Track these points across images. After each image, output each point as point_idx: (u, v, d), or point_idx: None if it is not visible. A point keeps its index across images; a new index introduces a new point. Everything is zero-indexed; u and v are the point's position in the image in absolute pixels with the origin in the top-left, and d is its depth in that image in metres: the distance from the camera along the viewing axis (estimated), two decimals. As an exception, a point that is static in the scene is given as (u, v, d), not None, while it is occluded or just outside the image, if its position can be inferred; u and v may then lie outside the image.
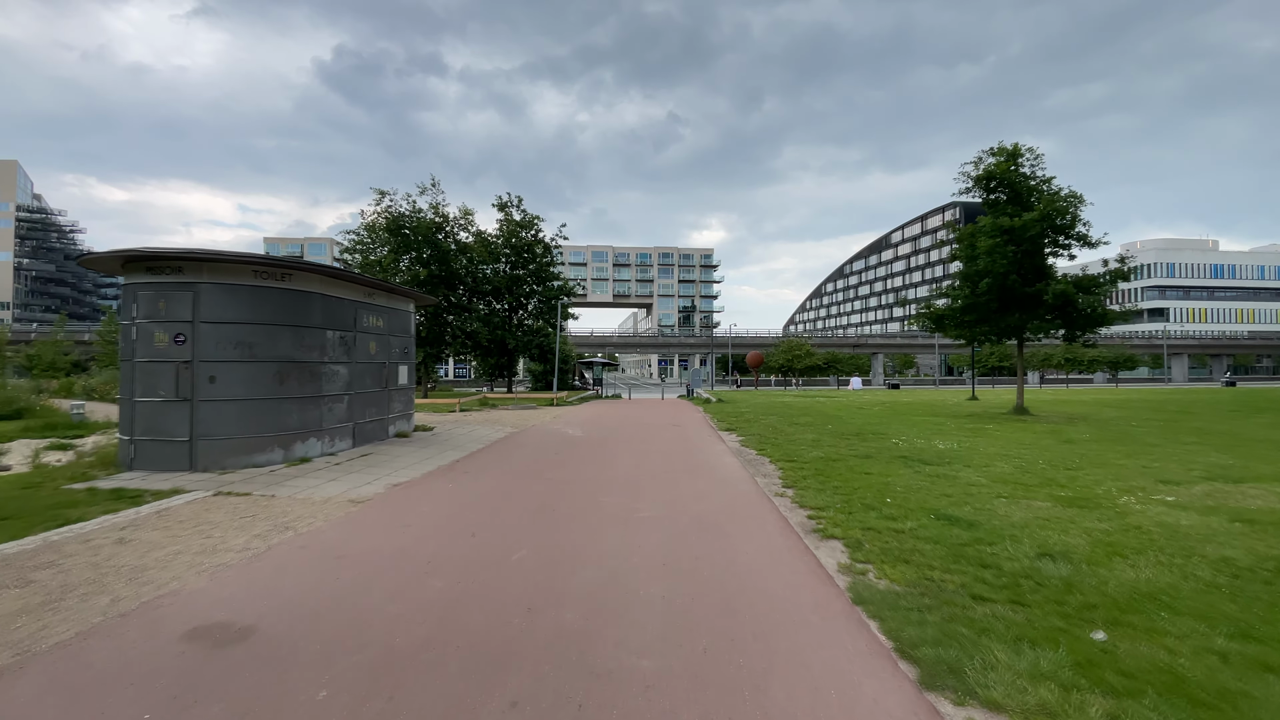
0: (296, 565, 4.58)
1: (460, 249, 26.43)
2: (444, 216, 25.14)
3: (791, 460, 9.52)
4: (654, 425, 15.25)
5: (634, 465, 9.09)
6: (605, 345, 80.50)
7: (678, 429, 14.39)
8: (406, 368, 12.21)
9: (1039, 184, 17.31)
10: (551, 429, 14.08)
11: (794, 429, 13.99)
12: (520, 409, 19.93)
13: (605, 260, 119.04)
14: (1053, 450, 10.67)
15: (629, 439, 12.36)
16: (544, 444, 11.45)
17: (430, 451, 10.27)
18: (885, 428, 14.21)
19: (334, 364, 9.62)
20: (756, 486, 7.60)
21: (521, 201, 29.75)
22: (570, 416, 17.65)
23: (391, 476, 8.14)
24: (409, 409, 12.47)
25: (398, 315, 11.82)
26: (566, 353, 36.60)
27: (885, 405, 22.49)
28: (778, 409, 20.44)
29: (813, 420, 16.01)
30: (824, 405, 22.33)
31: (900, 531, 5.58)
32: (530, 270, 29.28)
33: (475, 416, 17.17)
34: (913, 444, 11.34)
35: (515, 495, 7.04)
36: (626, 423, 15.85)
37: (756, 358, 59.08)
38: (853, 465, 9.00)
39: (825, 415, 17.63)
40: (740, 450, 10.86)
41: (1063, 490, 7.33)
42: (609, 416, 17.97)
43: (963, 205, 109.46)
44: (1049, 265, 17.41)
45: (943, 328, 18.47)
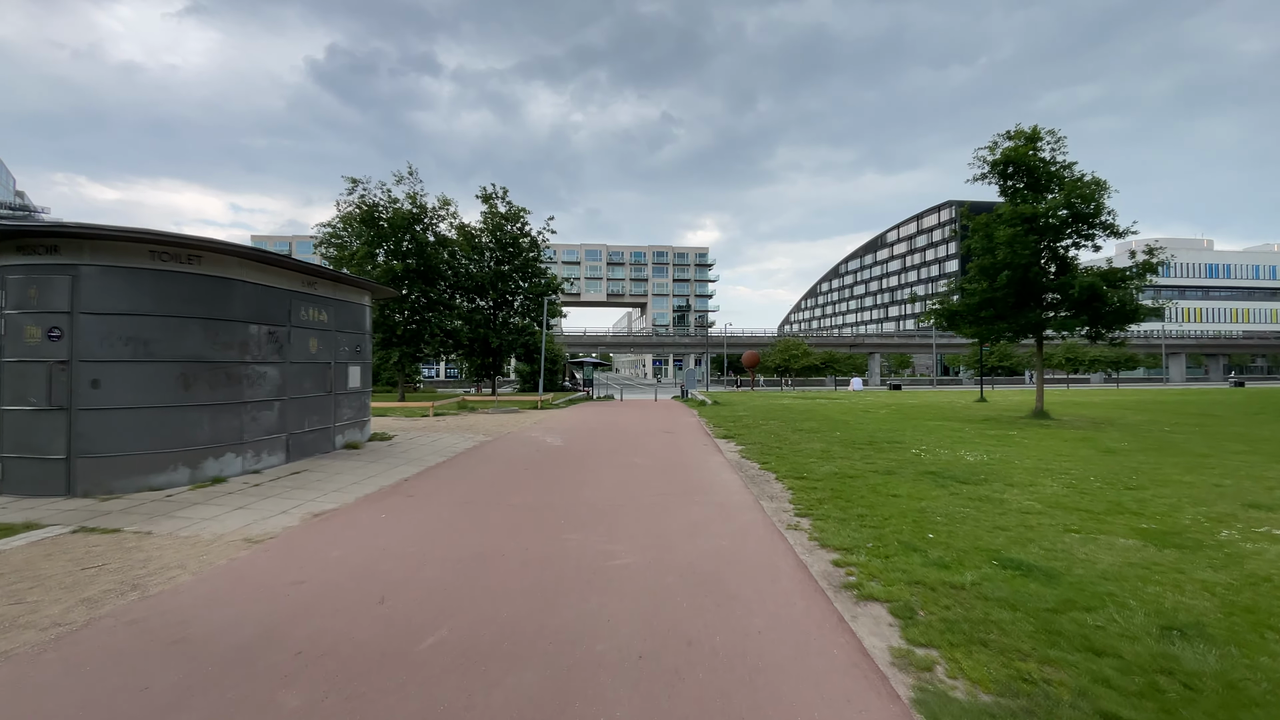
0: (93, 666, 3.08)
1: (441, 242, 24.88)
2: (422, 207, 23.58)
3: (801, 477, 8.10)
4: (644, 432, 13.80)
5: (616, 485, 7.63)
6: (599, 345, 79.02)
7: (670, 436, 12.94)
8: (359, 368, 10.70)
9: (1059, 169, 15.99)
10: (529, 437, 12.60)
11: (798, 436, 12.57)
12: (501, 413, 18.44)
13: (599, 259, 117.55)
14: (1097, 463, 9.30)
15: (614, 449, 10.90)
16: (515, 456, 9.96)
17: (379, 467, 8.78)
18: (899, 435, 12.83)
19: (260, 364, 8.11)
20: (763, 515, 6.16)
21: (507, 193, 28.25)
22: (553, 421, 16.16)
23: (317, 502, 6.64)
24: (363, 415, 10.95)
25: (348, 309, 10.30)
26: (556, 352, 35.02)
27: (891, 408, 21.14)
28: (778, 412, 19.05)
29: (817, 426, 14.60)
30: (826, 408, 20.96)
31: (959, 587, 4.17)
32: (516, 265, 27.75)
33: (448, 422, 15.66)
34: (936, 455, 9.94)
35: (459, 531, 5.56)
36: (614, 429, 14.39)
37: (752, 358, 57.75)
38: (875, 484, 7.57)
39: (830, 420, 16.24)
40: (740, 463, 9.43)
41: (1141, 520, 5.93)
42: (596, 421, 16.51)
43: (959, 204, 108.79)
44: (1071, 257, 16.10)
45: (956, 326, 17.13)
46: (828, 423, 15.33)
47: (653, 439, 12.41)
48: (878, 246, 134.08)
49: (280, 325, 8.52)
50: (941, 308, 17.08)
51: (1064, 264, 16.10)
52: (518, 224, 27.87)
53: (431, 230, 24.31)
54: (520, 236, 27.68)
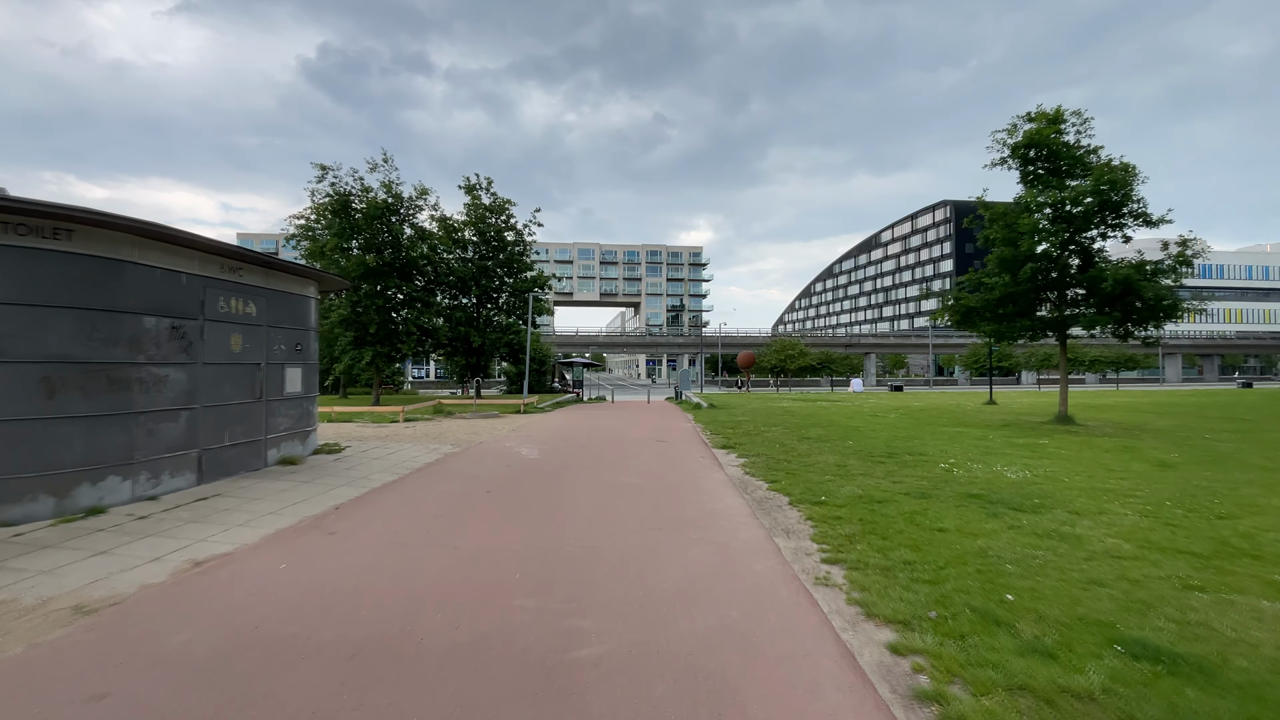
0: None
1: (419, 234, 23.32)
2: (397, 197, 22.01)
3: (819, 501, 6.71)
4: (633, 440, 12.37)
5: (595, 516, 6.20)
6: (592, 345, 77.54)
7: (662, 446, 11.52)
8: (301, 370, 9.20)
9: (1084, 154, 14.73)
10: (502, 448, 11.13)
11: (807, 446, 11.19)
12: (479, 418, 16.96)
13: (592, 258, 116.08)
14: (1160, 482, 7.97)
15: (597, 463, 9.46)
16: (479, 475, 8.50)
17: (313, 489, 7.29)
18: (919, 444, 11.48)
19: (159, 365, 6.61)
20: (781, 561, 4.75)
21: (492, 184, 26.75)
22: (535, 428, 14.70)
23: (210, 542, 5.17)
24: (305, 425, 9.45)
25: (285, 301, 8.80)
26: (544, 352, 33.52)
27: (899, 411, 19.84)
28: (779, 417, 17.68)
29: (825, 433, 13.23)
30: (830, 412, 19.62)
31: (1086, 697, 2.79)
32: (500, 260, 26.25)
33: (418, 429, 14.16)
34: (970, 471, 8.59)
35: (372, 594, 4.09)
36: (600, 437, 12.95)
37: (748, 358, 56.43)
38: (911, 512, 6.19)
39: (837, 426, 14.88)
40: (744, 482, 8.03)
41: (1270, 568, 4.58)
42: (582, 427, 15.06)
43: (954, 204, 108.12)
44: (1098, 249, 14.83)
45: (972, 323, 15.82)
46: (836, 429, 13.97)
47: (643, 449, 10.98)
48: (872, 246, 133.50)
49: (189, 318, 7.02)
50: (957, 303, 15.76)
51: (1088, 256, 14.83)
52: (503, 216, 26.36)
53: (409, 222, 22.74)
54: (505, 229, 26.17)
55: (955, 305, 15.73)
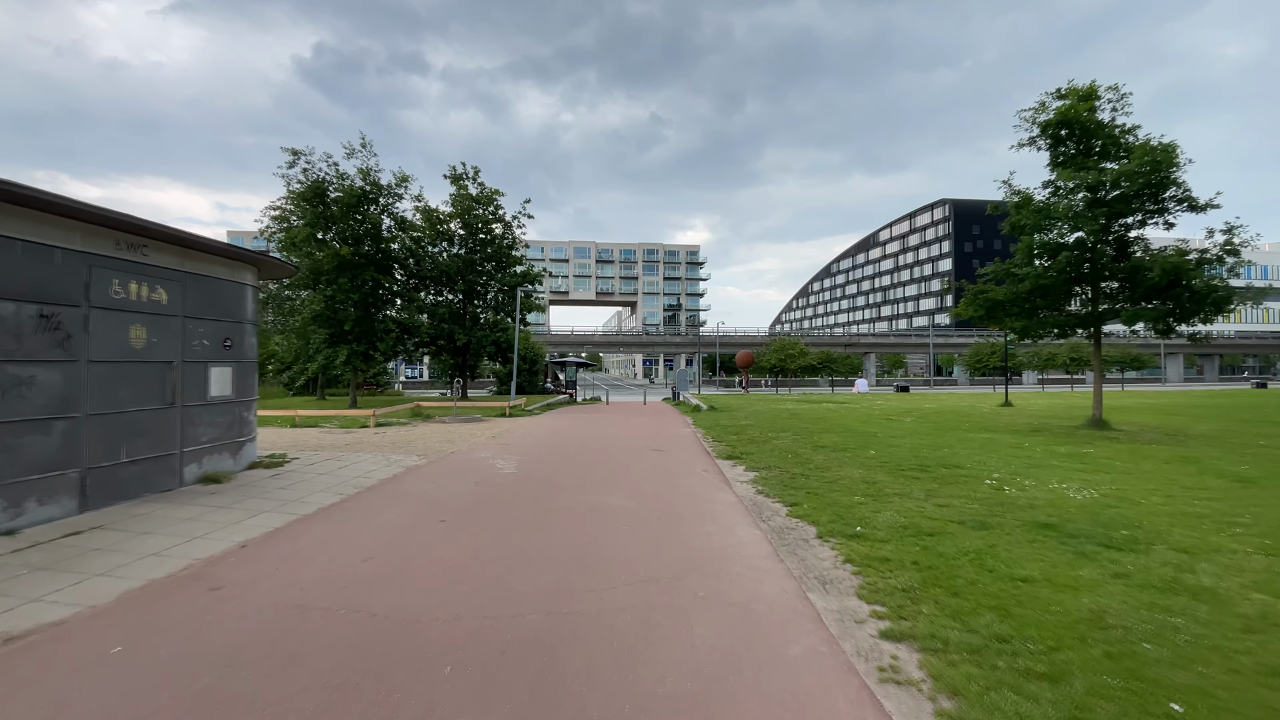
0: None
1: (400, 225, 21.87)
2: (376, 184, 20.55)
3: (855, 534, 5.36)
4: (627, 449, 11.00)
5: (571, 557, 4.81)
6: (588, 345, 76.14)
7: (659, 456, 10.15)
8: (232, 370, 7.79)
9: (1121, 133, 13.43)
10: (475, 460, 9.73)
11: (823, 456, 9.85)
12: (460, 422, 15.55)
13: (588, 256, 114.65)
14: (1251, 501, 6.66)
15: (582, 480, 8.08)
16: (438, 496, 7.11)
17: (229, 516, 5.89)
18: (949, 453, 10.15)
19: (20, 364, 5.20)
20: (827, 639, 3.38)
21: (479, 173, 25.33)
22: (518, 434, 13.31)
23: (44, 604, 3.77)
24: (239, 434, 8.03)
25: (209, 287, 7.39)
26: (536, 352, 32.14)
27: (915, 415, 18.53)
28: (785, 420, 16.34)
29: (841, 440, 11.89)
30: (839, 415, 18.29)
31: None
32: (488, 254, 24.83)
33: (387, 436, 12.75)
34: (1023, 489, 7.25)
35: (219, 711, 2.69)
36: (589, 445, 11.57)
37: (746, 357, 55.17)
38: (975, 551, 4.83)
39: (852, 431, 13.55)
40: (758, 503, 6.67)
41: None
42: (569, 433, 13.68)
43: (953, 202, 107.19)
44: (1136, 237, 13.54)
45: (997, 318, 14.51)
46: (851, 436, 12.63)
47: (638, 461, 9.60)
48: (870, 246, 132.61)
49: (67, 305, 5.61)
50: (981, 297, 14.43)
51: (1124, 245, 13.53)
52: (490, 207, 24.94)
53: (389, 211, 21.27)
54: (493, 221, 24.75)
55: (980, 299, 14.40)
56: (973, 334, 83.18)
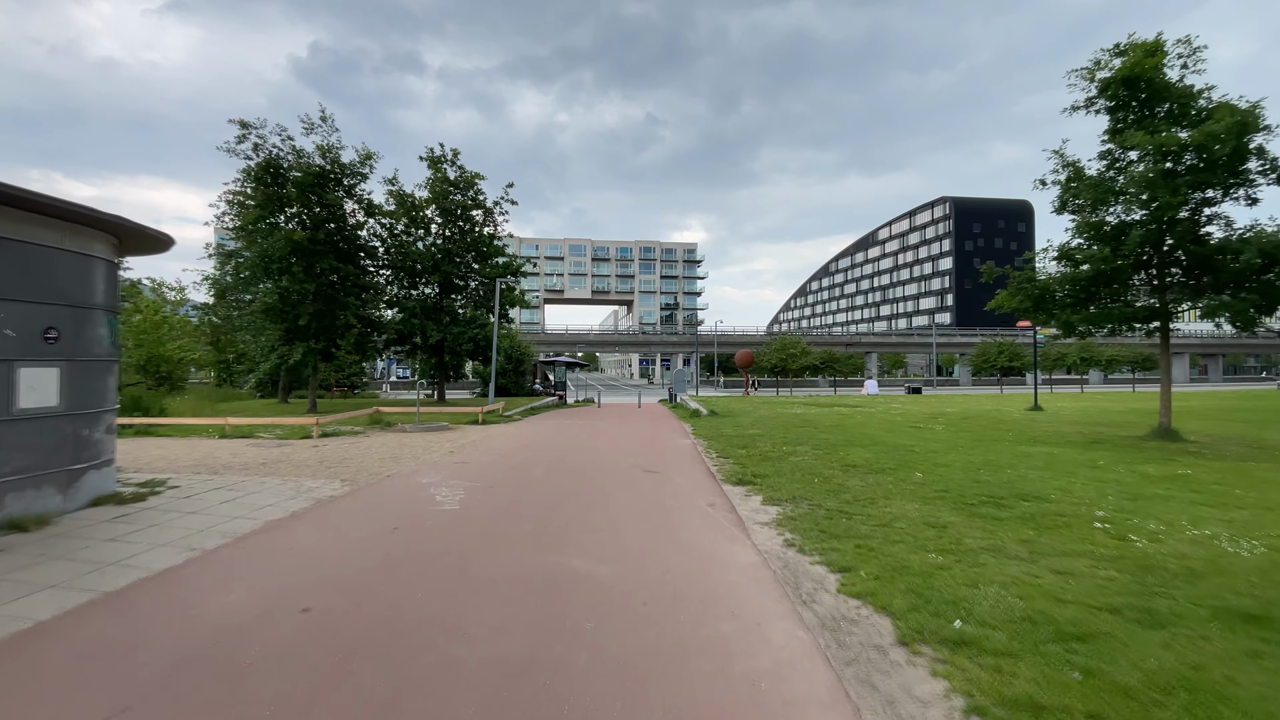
0: None
1: (368, 209, 19.68)
2: (336, 162, 18.35)
3: (962, 640, 3.26)
4: (611, 469, 8.90)
5: (485, 702, 2.69)
6: (582, 344, 73.99)
7: (652, 481, 8.04)
8: (60, 372, 5.63)
9: (1194, 94, 11.41)
10: (413, 487, 7.59)
11: (858, 480, 7.76)
12: (423, 431, 13.42)
13: (583, 254, 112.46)
14: None
15: (543, 523, 5.95)
16: (331, 553, 4.98)
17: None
18: (1014, 476, 8.08)
19: None
20: None
21: (458, 156, 23.15)
22: (483, 448, 11.18)
23: None
24: (75, 460, 5.87)
25: (22, 257, 5.24)
26: (523, 350, 29.95)
27: (943, 421, 16.46)
28: (798, 428, 14.26)
29: (872, 456, 9.80)
30: (858, 421, 16.20)
31: None
32: (467, 243, 22.66)
33: (323, 451, 10.60)
34: (1155, 539, 5.17)
35: None
36: (567, 464, 9.45)
37: (746, 357, 53.12)
38: (1184, 683, 2.73)
39: (880, 443, 11.47)
40: (792, 568, 4.56)
41: None
42: (546, 446, 11.56)
43: (953, 200, 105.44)
44: (1211, 215, 11.52)
45: (1045, 309, 12.43)
46: (882, 449, 10.54)
47: (623, 491, 7.48)
48: (869, 244, 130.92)
49: None
50: (1028, 287, 12.36)
51: (1194, 225, 11.49)
52: (470, 192, 22.77)
53: (353, 194, 19.05)
54: (472, 207, 22.57)
55: (1026, 289, 12.33)
56: (977, 333, 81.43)
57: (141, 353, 23.62)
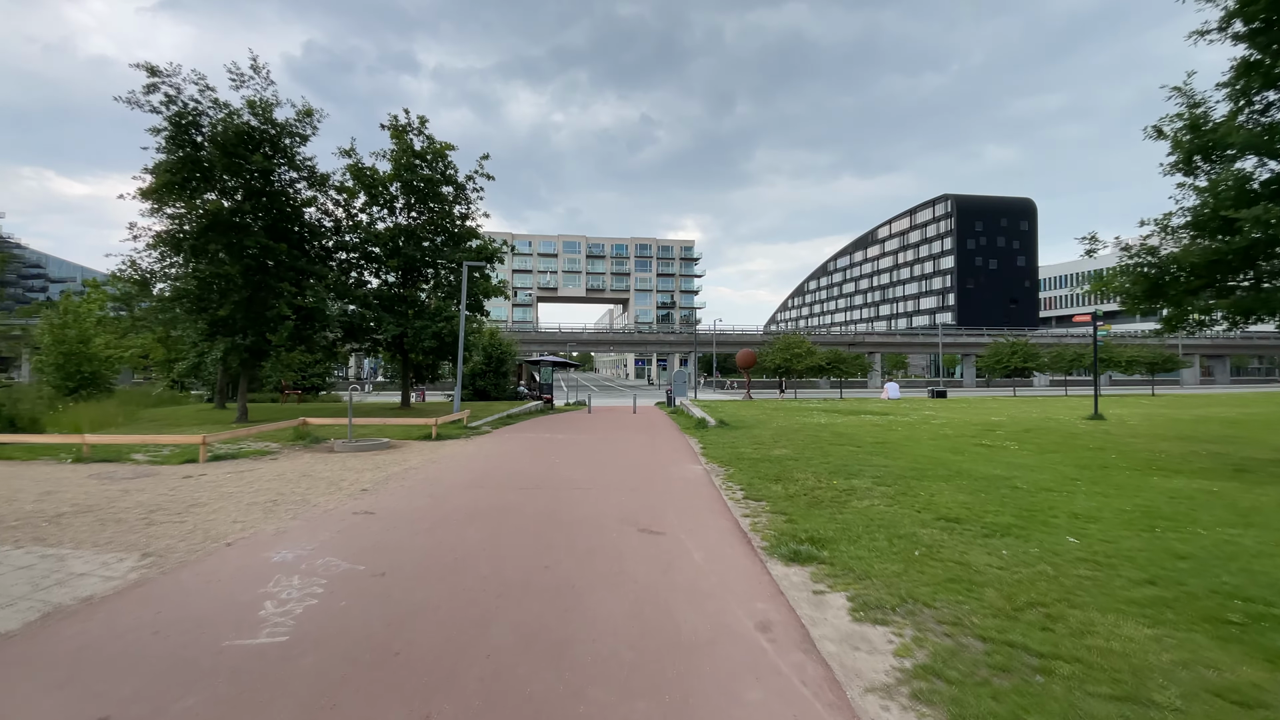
0: None
1: (311, 178, 16.54)
2: (268, 119, 15.18)
3: None
4: (589, 530, 5.88)
5: None
6: (576, 343, 70.87)
7: (654, 554, 5.02)
8: None
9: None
10: (243, 575, 4.52)
11: (979, 550, 4.79)
12: (353, 451, 10.35)
13: (578, 251, 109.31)
14: None
15: (427, 701, 2.91)
16: None
17: None
18: (1224, 544, 5.13)
19: None
20: None
21: (426, 124, 20.05)
22: (410, 487, 8.12)
23: None
24: None
25: None
26: (505, 349, 26.84)
27: (1006, 433, 13.53)
28: (835, 447, 11.28)
29: (971, 500, 6.83)
30: (904, 436, 13.19)
31: None
32: (435, 223, 19.56)
33: (186, 487, 7.53)
34: None
35: None
36: (521, 517, 6.39)
37: (748, 356, 50.14)
38: None
39: (963, 474, 8.49)
40: None
41: None
42: (501, 485, 8.51)
43: (955, 198, 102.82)
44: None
45: (1164, 295, 9.50)
46: (969, 484, 7.57)
47: (604, 593, 4.42)
48: (868, 243, 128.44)
49: None
50: (1146, 269, 9.40)
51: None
52: (440, 165, 19.67)
53: (292, 159, 15.85)
54: (441, 182, 19.45)
55: (1145, 272, 9.35)
56: (983, 333, 78.90)
57: (58, 351, 20.42)
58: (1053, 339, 72.58)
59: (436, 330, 17.28)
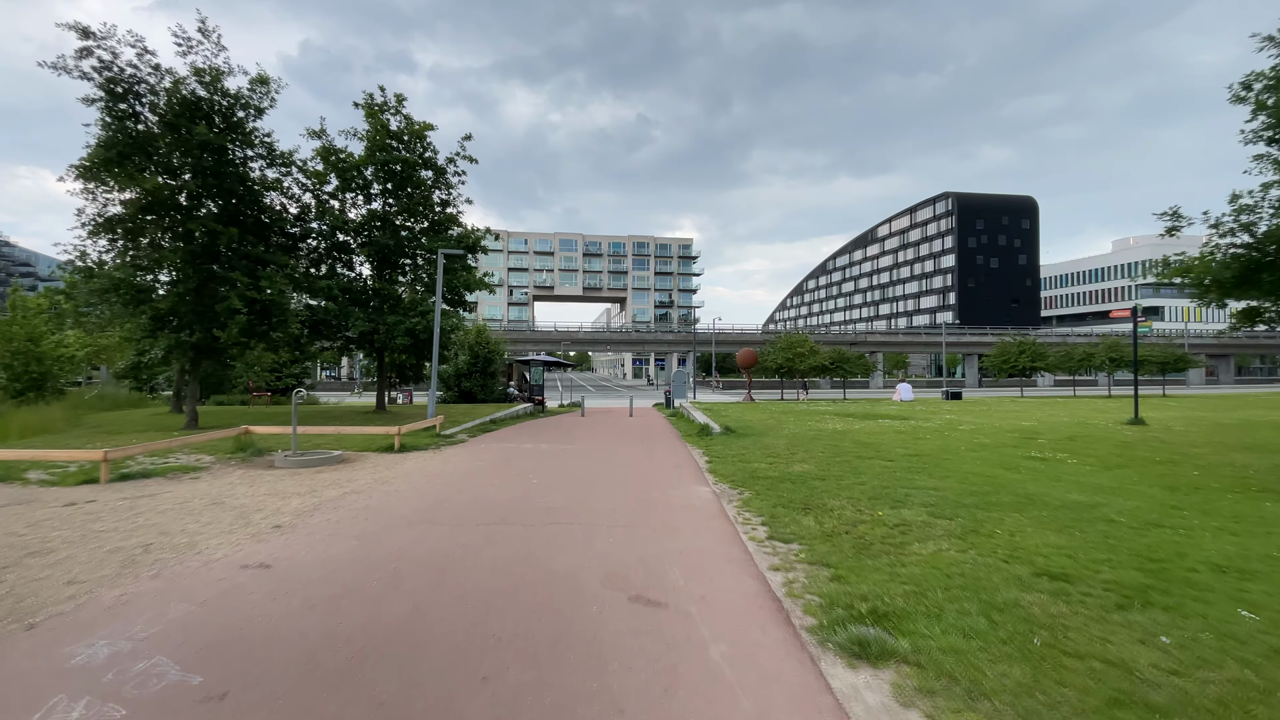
0: None
1: (271, 156, 14.86)
2: (221, 91, 13.50)
3: None
4: (561, 606, 4.31)
5: None
6: (572, 342, 69.21)
7: (650, 678, 3.46)
8: None
9: None
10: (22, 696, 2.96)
11: (1128, 641, 3.23)
12: (296, 467, 8.73)
13: (574, 249, 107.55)
14: None
15: None
16: None
17: None
18: None
19: None
20: None
21: (404, 102, 18.41)
22: (341, 520, 6.53)
23: None
24: None
25: None
26: (492, 347, 25.17)
27: (1051, 441, 11.99)
28: (863, 460, 9.71)
29: (1068, 543, 5.27)
30: (938, 446, 11.60)
31: None
32: (413, 210, 17.93)
33: (53, 521, 5.91)
34: None
35: None
36: (472, 576, 4.82)
37: (749, 356, 48.56)
38: None
39: (1034, 501, 6.93)
40: None
41: None
42: (457, 519, 6.91)
43: (956, 196, 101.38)
44: None
45: (1257, 282, 7.97)
46: (1048, 514, 6.01)
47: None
48: (867, 242, 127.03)
49: None
50: (1235, 255, 7.86)
51: None
52: (418, 147, 18.02)
53: (246, 134, 14.16)
54: (419, 165, 17.79)
55: (1236, 254, 7.80)
56: (987, 332, 77.53)
57: (5, 350, 18.71)
58: (1057, 338, 71.31)
59: (410, 326, 15.61)
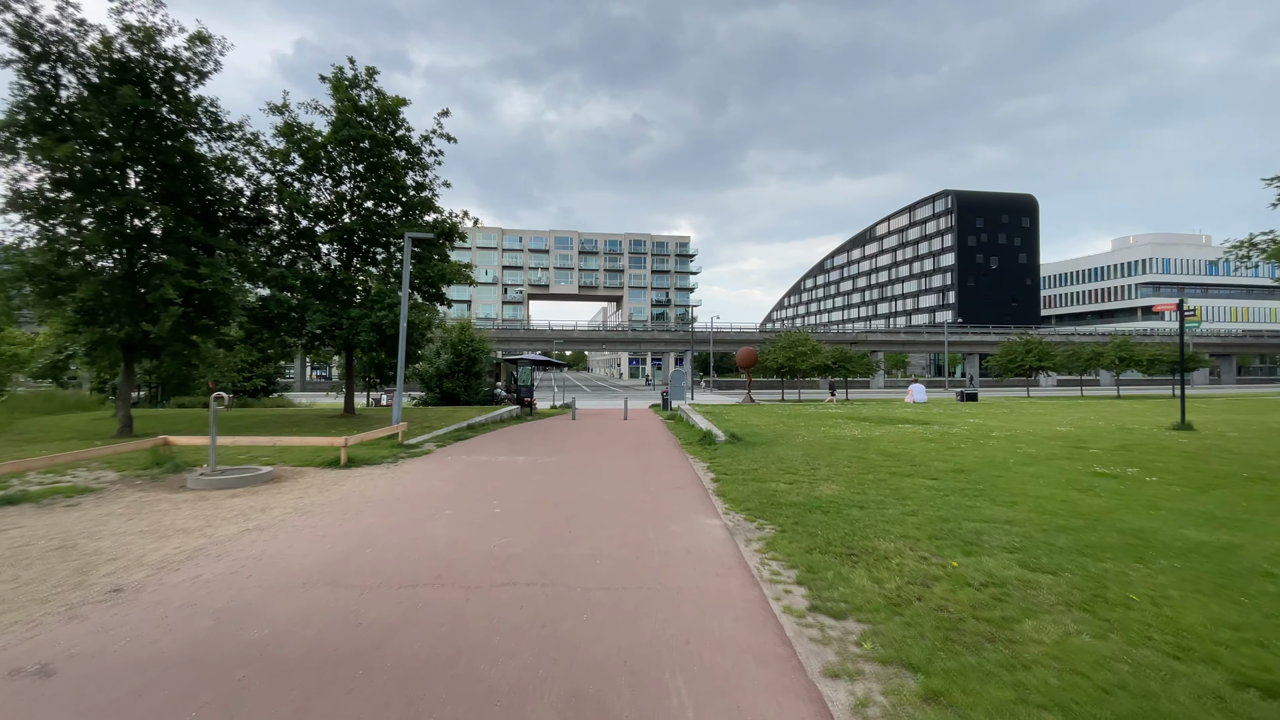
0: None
1: (216, 129, 13.16)
2: (156, 52, 11.76)
3: None
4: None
5: None
6: (568, 341, 67.55)
7: None
8: None
9: None
10: None
11: None
12: (209, 489, 7.11)
13: (570, 247, 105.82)
14: None
15: None
16: None
17: None
18: None
19: None
20: None
21: (375, 76, 16.75)
22: (173, 594, 4.90)
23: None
24: None
25: None
26: (476, 346, 23.45)
27: (1106, 452, 10.46)
28: (899, 479, 8.13)
29: (1213, 604, 3.73)
30: (978, 458, 10.03)
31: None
32: (379, 191, 16.26)
33: None
34: None
35: None
36: (338, 701, 3.24)
37: (749, 355, 47.03)
38: None
39: (1089, 518, 5.39)
40: None
41: None
42: (364, 573, 5.27)
43: (955, 194, 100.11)
44: None
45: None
46: (1144, 548, 4.45)
47: None
48: (866, 240, 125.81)
49: None
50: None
51: None
52: (389, 124, 16.34)
53: (185, 104, 12.43)
54: (392, 144, 16.11)
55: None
56: (989, 331, 76.30)
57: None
58: (1060, 338, 70.08)
59: (376, 320, 13.93)
